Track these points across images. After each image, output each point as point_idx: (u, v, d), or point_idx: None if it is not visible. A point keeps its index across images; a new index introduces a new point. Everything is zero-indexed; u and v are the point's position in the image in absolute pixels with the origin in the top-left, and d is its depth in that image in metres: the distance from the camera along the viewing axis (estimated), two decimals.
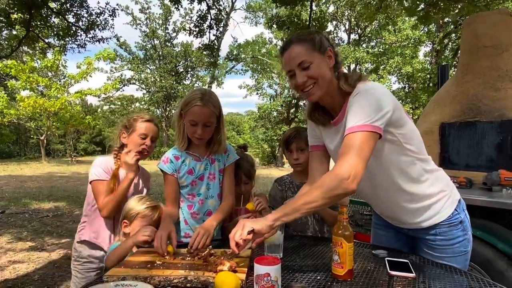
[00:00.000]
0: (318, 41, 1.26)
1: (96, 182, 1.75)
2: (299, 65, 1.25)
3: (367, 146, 1.11)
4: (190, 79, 31.09)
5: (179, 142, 1.72)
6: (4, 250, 4.28)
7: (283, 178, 1.95)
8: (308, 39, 1.26)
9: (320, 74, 1.25)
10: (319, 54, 1.25)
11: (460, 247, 1.37)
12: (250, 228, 1.11)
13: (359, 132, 1.11)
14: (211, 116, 1.63)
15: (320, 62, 1.25)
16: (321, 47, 1.26)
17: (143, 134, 1.81)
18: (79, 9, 7.36)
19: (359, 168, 1.08)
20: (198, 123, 1.61)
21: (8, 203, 7.50)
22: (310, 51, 1.25)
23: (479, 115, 3.05)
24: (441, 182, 1.40)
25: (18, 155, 30.61)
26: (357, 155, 1.09)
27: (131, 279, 1.11)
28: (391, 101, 1.19)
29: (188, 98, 1.63)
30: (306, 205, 1.11)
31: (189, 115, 1.61)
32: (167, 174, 1.71)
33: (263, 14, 26.06)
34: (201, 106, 1.59)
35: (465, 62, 3.30)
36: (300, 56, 1.25)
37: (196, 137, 1.64)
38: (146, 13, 28.64)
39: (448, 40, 18.56)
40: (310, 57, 1.24)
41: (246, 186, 1.89)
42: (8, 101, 19.35)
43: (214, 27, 9.09)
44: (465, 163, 3.12)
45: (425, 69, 20.59)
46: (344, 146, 1.13)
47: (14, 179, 12.50)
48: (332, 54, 1.28)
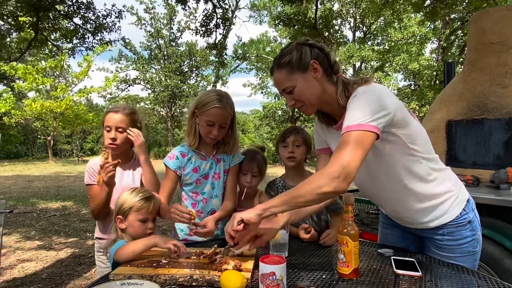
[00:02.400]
0: (296, 60, 1.24)
1: (88, 186, 1.78)
2: (283, 90, 1.29)
3: (362, 145, 1.08)
4: (195, 78, 31.13)
5: (190, 140, 1.74)
6: (12, 249, 4.33)
7: (275, 182, 1.92)
8: (286, 62, 1.25)
9: (305, 96, 1.27)
10: (301, 73, 1.25)
11: (469, 247, 1.35)
12: (240, 219, 1.13)
13: (354, 131, 1.09)
14: (227, 118, 1.68)
15: (304, 82, 1.25)
16: (301, 65, 1.24)
17: (107, 127, 1.75)
18: (86, 11, 7.42)
19: (352, 167, 1.05)
20: (215, 124, 1.64)
21: (16, 202, 7.59)
22: (289, 75, 1.26)
23: (486, 112, 3.02)
24: (449, 182, 1.38)
25: (26, 155, 30.90)
26: (350, 154, 1.06)
27: (137, 278, 1.12)
28: (391, 102, 1.17)
29: (206, 99, 1.65)
30: (294, 199, 1.11)
31: (207, 116, 1.63)
32: (170, 169, 1.73)
33: (267, 13, 26.01)
34: (220, 108, 1.62)
35: (472, 59, 3.26)
36: (281, 82, 1.28)
37: (210, 137, 1.67)
38: (150, 13, 28.74)
39: (455, 36, 18.37)
40: (291, 81, 1.26)
41: (254, 178, 1.83)
42: (15, 102, 19.56)
43: (220, 26, 9.08)
44: (472, 161, 3.09)
45: (431, 66, 20.39)
46: (339, 145, 1.12)
47: (22, 179, 12.64)
48: (318, 66, 1.25)
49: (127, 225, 1.47)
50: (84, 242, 4.71)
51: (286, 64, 1.26)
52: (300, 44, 1.28)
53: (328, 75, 1.29)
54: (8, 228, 5.22)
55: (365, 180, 1.42)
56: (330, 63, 1.28)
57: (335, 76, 1.30)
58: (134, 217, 1.46)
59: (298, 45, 1.28)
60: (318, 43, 1.30)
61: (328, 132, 1.45)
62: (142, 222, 1.47)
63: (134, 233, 1.47)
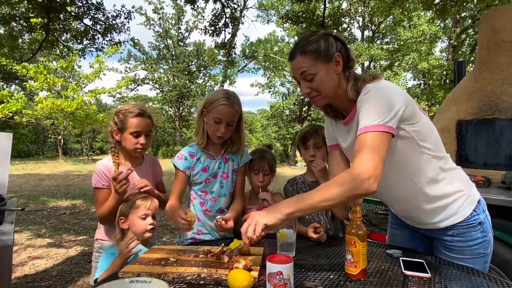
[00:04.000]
0: (324, 49, 1.24)
1: (95, 189, 1.71)
2: (302, 75, 1.27)
3: (383, 147, 1.10)
4: (203, 78, 31.30)
5: (198, 139, 1.75)
6: (24, 246, 4.41)
7: (295, 179, 1.94)
8: (313, 49, 1.24)
9: (324, 86, 1.26)
10: (325, 64, 1.24)
11: (479, 248, 1.33)
12: (263, 225, 1.10)
13: (373, 132, 1.10)
14: (234, 116, 1.69)
15: (326, 72, 1.25)
16: (327, 55, 1.24)
17: (135, 132, 1.67)
18: (96, 12, 7.51)
19: (380, 168, 1.08)
20: (222, 121, 1.65)
21: (27, 200, 7.71)
22: (314, 63, 1.24)
23: (497, 112, 2.97)
24: (459, 182, 1.36)
25: (37, 154, 31.43)
26: (376, 156, 1.08)
27: (145, 276, 1.13)
28: (401, 97, 1.18)
29: (213, 97, 1.68)
30: (323, 203, 1.10)
31: (214, 113, 1.65)
32: (179, 170, 1.74)
33: (275, 12, 25.98)
34: (227, 105, 1.64)
35: (483, 58, 3.21)
36: (304, 68, 1.25)
37: (217, 135, 1.68)
38: (159, 13, 28.94)
39: (466, 35, 18.12)
40: (314, 69, 1.24)
41: (266, 177, 1.85)
42: (27, 101, 19.89)
43: (229, 25, 9.08)
44: (483, 162, 3.04)
45: (441, 66, 20.14)
46: (360, 146, 1.12)
47: (32, 177, 12.84)
48: (340, 59, 1.26)
49: (129, 224, 1.57)
50: (94, 240, 4.77)
51: (312, 52, 1.24)
52: (327, 35, 1.28)
53: (345, 70, 1.29)
54: (20, 226, 5.31)
55: None
56: (348, 58, 1.29)
57: (348, 71, 1.30)
58: (134, 215, 1.56)
59: (325, 35, 1.27)
60: (341, 36, 1.30)
61: (337, 128, 1.46)
62: (142, 219, 1.56)
63: (135, 230, 1.55)
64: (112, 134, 1.72)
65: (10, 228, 1.70)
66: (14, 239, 1.69)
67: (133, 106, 1.71)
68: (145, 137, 1.70)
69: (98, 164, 1.73)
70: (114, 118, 1.70)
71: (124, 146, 1.71)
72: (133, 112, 1.67)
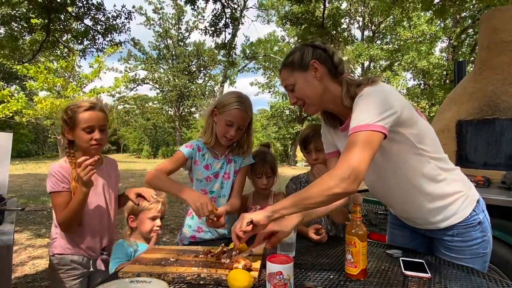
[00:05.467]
0: (297, 60, 1.29)
1: (53, 194, 1.53)
2: (286, 88, 1.35)
3: (370, 146, 1.08)
4: (203, 78, 31.28)
5: (207, 138, 1.76)
6: (24, 246, 4.41)
7: (299, 177, 1.95)
8: (288, 61, 1.32)
9: (305, 94, 1.31)
10: (301, 72, 1.29)
11: (479, 248, 1.34)
12: (249, 220, 1.15)
13: (362, 132, 1.10)
14: (246, 120, 1.71)
15: (304, 81, 1.30)
16: (302, 64, 1.29)
17: (88, 127, 1.53)
18: (96, 12, 7.51)
19: (361, 168, 1.06)
20: (234, 124, 1.67)
21: (27, 200, 7.71)
22: (291, 73, 1.32)
23: (497, 112, 2.97)
24: (458, 182, 1.37)
25: (37, 154, 31.41)
26: (359, 155, 1.06)
27: (145, 276, 1.13)
28: (397, 101, 1.17)
29: (227, 99, 1.69)
30: (304, 201, 1.11)
31: (227, 116, 1.66)
32: (183, 154, 1.74)
33: (275, 12, 25.98)
34: (241, 110, 1.66)
35: (483, 58, 3.21)
36: (284, 80, 1.35)
37: (227, 137, 1.69)
38: (159, 13, 28.93)
39: (466, 35, 18.11)
40: (292, 79, 1.32)
41: (269, 179, 1.87)
42: (27, 101, 19.90)
43: (230, 25, 9.08)
44: (483, 162, 3.04)
45: (441, 65, 20.14)
46: (347, 146, 1.12)
47: (33, 177, 12.84)
48: (318, 66, 1.27)
49: (138, 223, 1.63)
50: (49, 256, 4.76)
51: (288, 64, 1.32)
52: (304, 45, 1.34)
53: (333, 75, 1.30)
54: (20, 226, 5.31)
55: (374, 180, 1.42)
56: (334, 64, 1.30)
57: (340, 76, 1.30)
58: (144, 215, 1.62)
59: (302, 46, 1.35)
60: (324, 44, 1.33)
61: (336, 134, 1.45)
62: (151, 220, 1.62)
63: (143, 229, 1.62)
64: (64, 133, 1.58)
65: (10, 228, 1.70)
66: (14, 239, 1.68)
67: (82, 101, 1.58)
68: (100, 132, 1.56)
69: (54, 167, 1.56)
70: (63, 116, 1.56)
71: (78, 144, 1.58)
72: (83, 106, 1.54)
